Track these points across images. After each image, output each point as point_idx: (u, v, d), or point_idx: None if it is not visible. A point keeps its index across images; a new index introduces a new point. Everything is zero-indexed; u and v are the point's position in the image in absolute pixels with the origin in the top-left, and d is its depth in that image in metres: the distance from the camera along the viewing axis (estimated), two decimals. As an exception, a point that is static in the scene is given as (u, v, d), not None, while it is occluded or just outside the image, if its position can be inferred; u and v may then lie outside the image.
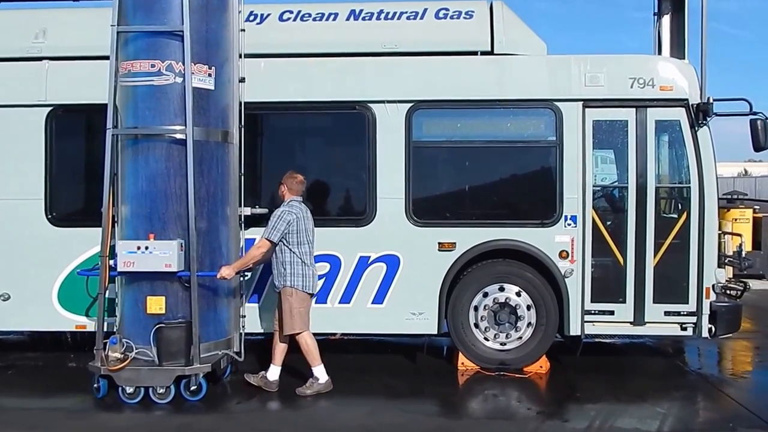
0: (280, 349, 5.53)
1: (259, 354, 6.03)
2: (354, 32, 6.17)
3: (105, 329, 5.38)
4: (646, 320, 6.03)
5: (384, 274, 6.02)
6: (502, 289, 6.08)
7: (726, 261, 6.18)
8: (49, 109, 6.18)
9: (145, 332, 5.26)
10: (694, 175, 5.94)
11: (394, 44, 6.08)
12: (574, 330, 6.01)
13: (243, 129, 5.77)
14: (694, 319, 5.98)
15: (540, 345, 6.05)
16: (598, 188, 6.22)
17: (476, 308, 6.09)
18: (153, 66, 5.26)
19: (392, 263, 6.03)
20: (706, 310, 5.93)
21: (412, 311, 6.03)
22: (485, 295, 6.07)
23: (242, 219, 5.83)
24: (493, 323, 6.09)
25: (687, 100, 5.93)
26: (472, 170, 6.16)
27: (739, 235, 6.66)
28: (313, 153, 6.53)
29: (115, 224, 5.46)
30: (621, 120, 6.01)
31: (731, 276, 6.71)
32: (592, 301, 6.03)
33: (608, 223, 6.08)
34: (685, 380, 6.07)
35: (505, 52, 6.09)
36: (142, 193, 5.31)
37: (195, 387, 5.20)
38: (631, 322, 6.05)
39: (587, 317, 6.04)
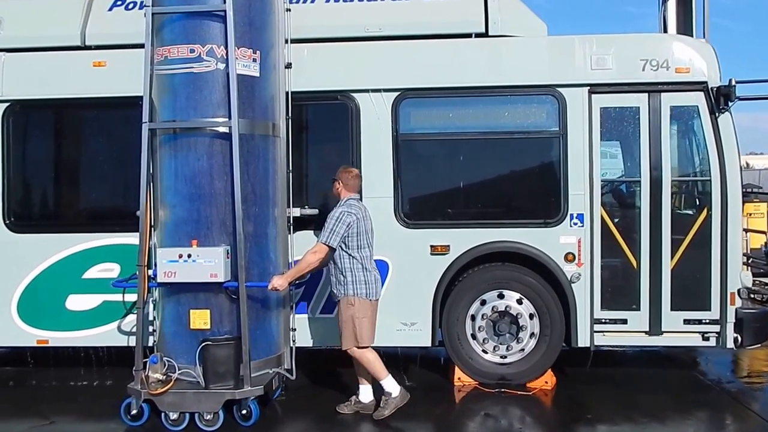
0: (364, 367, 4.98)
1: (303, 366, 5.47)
2: (333, 15, 5.64)
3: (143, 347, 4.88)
4: (663, 329, 5.47)
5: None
6: (501, 297, 5.53)
7: (750, 261, 5.58)
8: (6, 105, 5.72)
9: (187, 349, 4.78)
10: (715, 167, 5.36)
11: (378, 27, 5.56)
12: (583, 341, 5.45)
13: (290, 120, 5.27)
14: (717, 327, 5.42)
15: (544, 358, 5.50)
16: (607, 183, 5.64)
17: (473, 317, 5.56)
18: (192, 51, 4.75)
19: (380, 269, 5.41)
20: (731, 318, 5.37)
21: (402, 321, 5.53)
22: (483, 303, 5.55)
23: (291, 221, 5.32)
24: (492, 334, 5.57)
25: (706, 83, 5.36)
26: (467, 165, 5.62)
27: (764, 232, 6.04)
28: (291, 148, 6.02)
29: (152, 229, 4.99)
30: (632, 107, 5.46)
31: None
32: (602, 309, 5.50)
33: (619, 221, 5.53)
34: (706, 396, 5.46)
35: (501, 34, 5.55)
36: (182, 194, 4.81)
37: (246, 411, 4.68)
38: (646, 332, 5.49)
39: (597, 327, 5.49)
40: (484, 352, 5.57)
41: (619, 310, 5.49)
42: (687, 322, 5.45)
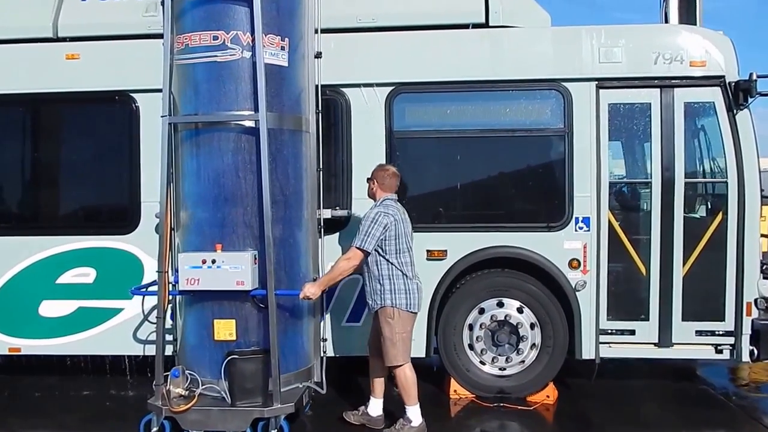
0: (380, 380, 4.67)
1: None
2: (323, 5, 5.26)
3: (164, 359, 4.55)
4: (673, 341, 5.15)
5: (361, 287, 5.12)
6: (501, 305, 5.21)
7: (765, 269, 5.25)
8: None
9: (211, 362, 4.47)
10: (732, 168, 5.02)
11: (371, 18, 5.20)
12: (587, 353, 5.13)
13: (320, 114, 4.95)
14: (731, 339, 5.10)
15: (546, 370, 5.18)
16: (616, 185, 5.29)
17: (471, 327, 5.24)
18: (216, 38, 4.39)
19: (371, 275, 5.16)
20: (746, 330, 5.05)
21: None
22: (481, 311, 5.23)
23: (321, 223, 4.99)
24: (490, 344, 5.25)
25: (723, 77, 5.01)
26: (465, 165, 5.28)
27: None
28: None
29: (173, 232, 4.67)
30: (642, 103, 5.11)
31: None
32: (608, 319, 5.18)
33: (628, 225, 5.18)
34: (720, 413, 5.11)
35: (503, 25, 5.19)
36: (205, 194, 4.48)
37: (275, 430, 4.34)
38: (655, 344, 5.17)
39: (603, 337, 5.18)
40: (482, 363, 5.26)
41: (626, 320, 5.18)
42: (699, 333, 5.13)
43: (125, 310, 5.33)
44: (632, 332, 5.17)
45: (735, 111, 4.99)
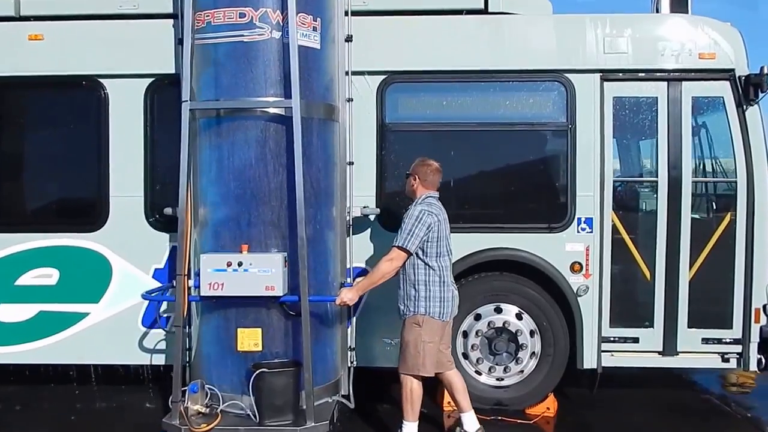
0: (461, 392, 4.25)
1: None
2: None
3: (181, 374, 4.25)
4: (678, 349, 4.90)
5: None
6: (498, 311, 4.91)
7: None
8: None
9: (234, 376, 4.19)
10: (741, 167, 4.79)
11: (362, 2, 4.85)
12: (589, 362, 4.86)
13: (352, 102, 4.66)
14: (738, 348, 4.87)
15: (546, 381, 4.90)
16: (620, 183, 5.02)
17: (466, 334, 4.93)
18: (242, 16, 4.06)
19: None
20: (754, 338, 4.83)
21: (385, 338, 4.88)
22: (477, 317, 4.92)
23: (351, 221, 4.66)
24: (487, 353, 4.95)
25: (733, 71, 4.79)
26: (462, 161, 4.97)
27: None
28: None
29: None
30: (649, 97, 4.86)
31: None
32: (611, 326, 4.90)
33: (632, 227, 4.93)
34: (726, 423, 4.87)
35: (502, 11, 4.90)
36: (227, 189, 4.19)
37: None
38: (659, 352, 4.92)
39: (605, 345, 4.91)
40: (478, 373, 4.95)
41: (630, 327, 4.92)
42: (705, 341, 4.89)
43: (91, 315, 4.92)
44: (636, 340, 4.91)
45: (745, 107, 4.77)
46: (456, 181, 4.95)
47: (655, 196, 4.85)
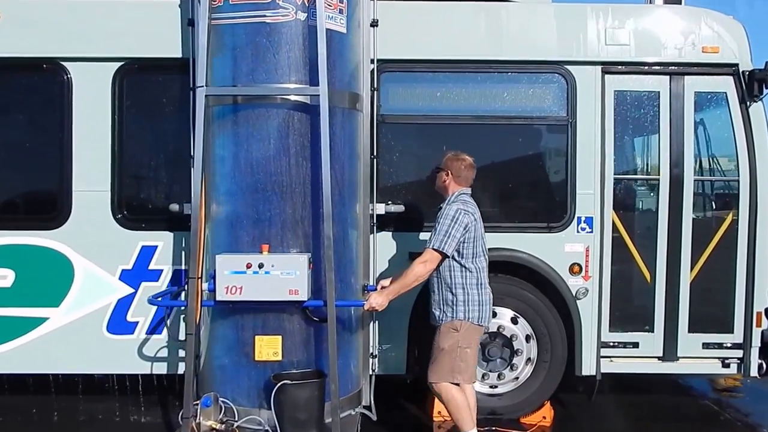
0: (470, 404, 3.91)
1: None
2: None
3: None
4: (678, 355, 4.72)
5: None
6: (493, 314, 4.56)
7: None
8: None
9: (250, 387, 3.90)
10: (744, 165, 4.64)
11: None
12: (588, 368, 4.64)
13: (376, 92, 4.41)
14: (739, 353, 4.72)
15: (542, 388, 4.67)
16: (621, 181, 4.80)
17: (458, 340, 4.63)
18: None
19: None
20: (756, 342, 4.68)
21: (371, 344, 4.57)
22: (471, 322, 4.62)
23: (375, 219, 4.41)
24: (480, 359, 4.66)
25: (737, 66, 4.63)
26: (455, 156, 4.69)
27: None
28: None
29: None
30: (650, 91, 4.69)
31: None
32: (610, 331, 4.71)
33: (633, 226, 4.74)
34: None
35: None
36: (244, 184, 3.89)
37: None
38: (659, 357, 4.74)
39: (604, 351, 4.70)
40: (471, 380, 4.67)
41: (629, 332, 4.73)
42: (706, 346, 4.73)
43: (50, 320, 4.51)
44: (635, 345, 4.72)
45: (748, 103, 4.62)
46: (449, 177, 4.69)
47: (656, 194, 4.67)
